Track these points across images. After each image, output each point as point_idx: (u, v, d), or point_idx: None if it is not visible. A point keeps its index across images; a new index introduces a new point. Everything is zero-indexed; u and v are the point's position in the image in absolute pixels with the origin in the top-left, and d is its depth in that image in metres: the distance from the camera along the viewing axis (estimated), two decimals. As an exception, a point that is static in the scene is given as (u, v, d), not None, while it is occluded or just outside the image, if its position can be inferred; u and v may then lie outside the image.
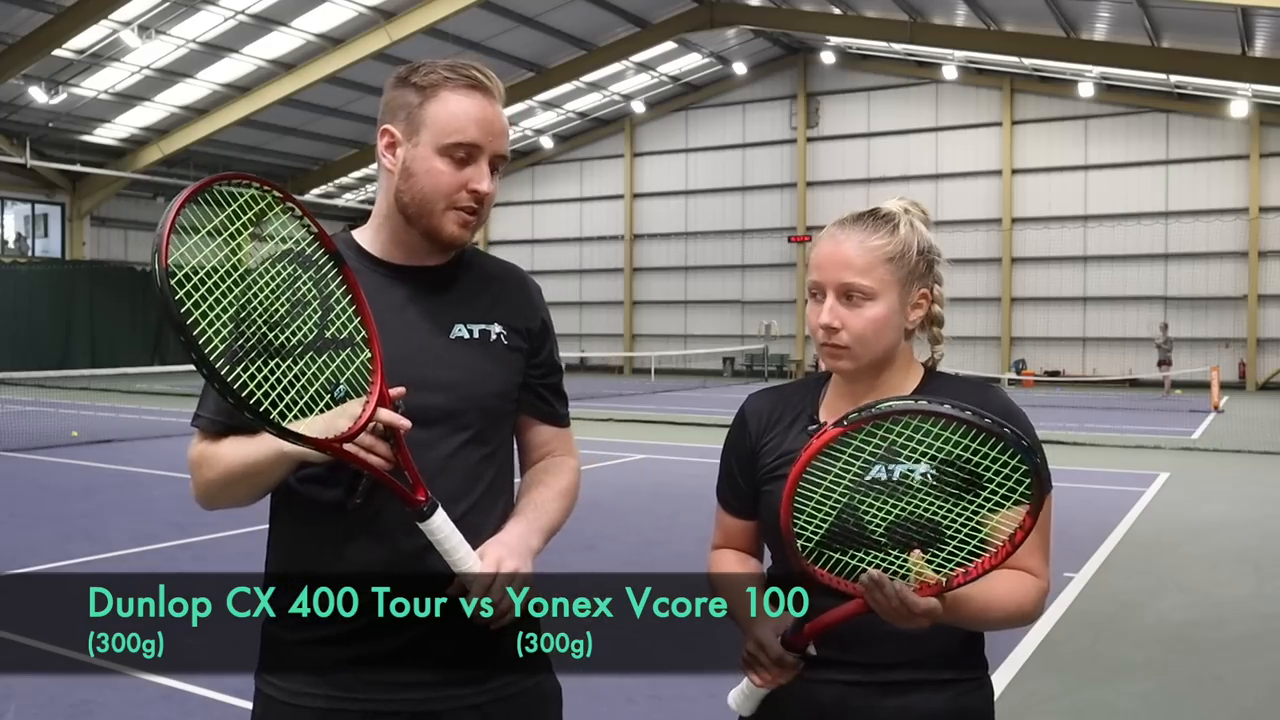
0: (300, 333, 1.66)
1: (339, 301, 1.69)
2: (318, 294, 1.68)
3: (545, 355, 1.95)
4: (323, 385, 1.65)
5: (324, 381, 1.66)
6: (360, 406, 1.63)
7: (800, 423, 1.89)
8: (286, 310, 1.66)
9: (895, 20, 27.53)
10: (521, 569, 1.70)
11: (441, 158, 1.75)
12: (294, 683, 1.77)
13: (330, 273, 1.69)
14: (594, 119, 37.48)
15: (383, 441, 1.62)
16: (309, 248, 1.69)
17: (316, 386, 1.65)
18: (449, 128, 1.74)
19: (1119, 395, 26.91)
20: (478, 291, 1.88)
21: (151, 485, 10.93)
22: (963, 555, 1.60)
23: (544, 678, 1.88)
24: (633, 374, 36.55)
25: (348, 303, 1.69)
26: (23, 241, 33.43)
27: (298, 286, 1.68)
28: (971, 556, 1.59)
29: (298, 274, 1.68)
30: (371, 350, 1.67)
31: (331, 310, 1.68)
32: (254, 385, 1.58)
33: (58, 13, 22.45)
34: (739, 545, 1.96)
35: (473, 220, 1.79)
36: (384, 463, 1.62)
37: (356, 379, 1.67)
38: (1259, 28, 22.11)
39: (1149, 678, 5.27)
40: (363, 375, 1.67)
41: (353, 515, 1.72)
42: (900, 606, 1.56)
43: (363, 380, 1.66)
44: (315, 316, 1.68)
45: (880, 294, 1.77)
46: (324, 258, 1.69)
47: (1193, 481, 11.91)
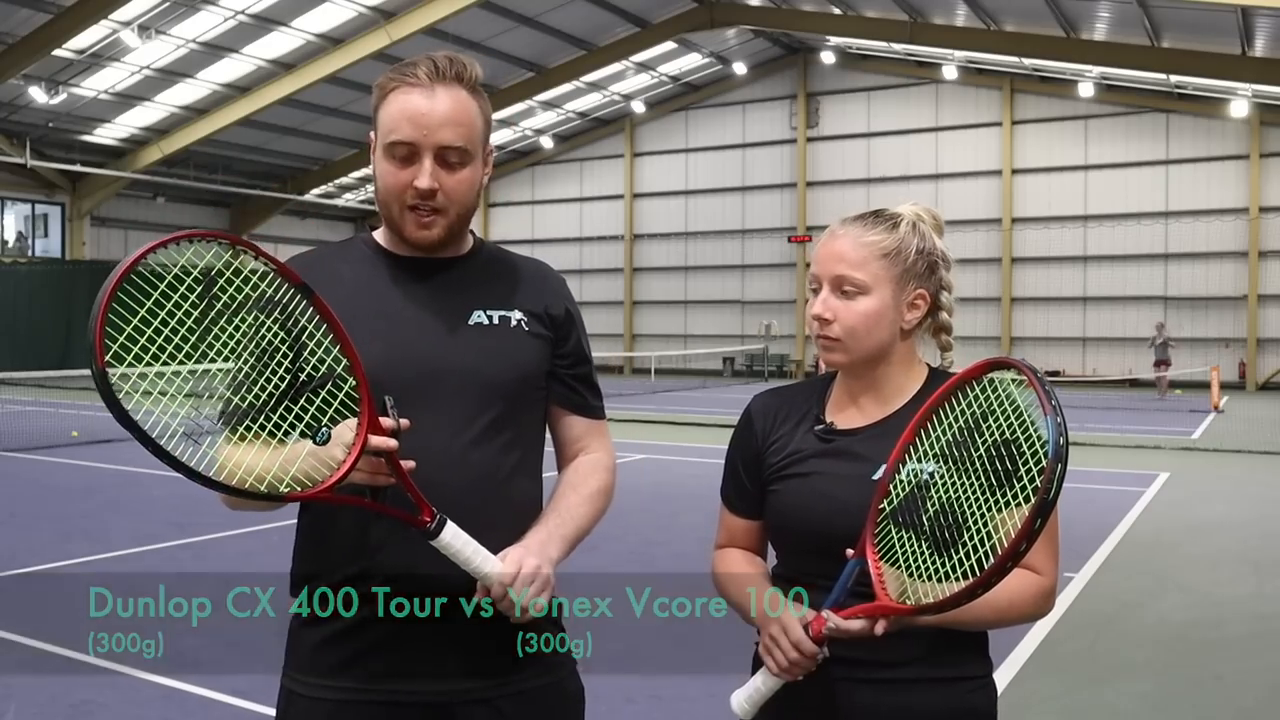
0: (270, 385, 1.61)
1: (312, 336, 1.62)
2: (286, 336, 1.62)
3: (572, 344, 1.94)
4: (301, 433, 1.60)
5: (304, 428, 1.60)
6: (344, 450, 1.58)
7: (806, 423, 1.89)
8: (251, 366, 1.62)
9: (895, 20, 27.53)
10: (543, 569, 1.70)
11: (387, 160, 1.77)
12: (313, 677, 1.79)
13: (298, 308, 1.62)
14: (594, 119, 37.49)
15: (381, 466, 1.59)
16: (270, 288, 1.61)
17: (295, 436, 1.60)
18: (386, 128, 1.76)
19: (1119, 395, 26.90)
20: (497, 280, 1.89)
21: (151, 485, 10.92)
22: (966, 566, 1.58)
23: (566, 676, 1.88)
24: (633, 374, 36.56)
25: (323, 335, 1.62)
26: (23, 241, 33.44)
27: (261, 335, 1.62)
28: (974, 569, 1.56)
29: (260, 321, 1.62)
30: (356, 377, 1.60)
31: (305, 348, 1.62)
32: (223, 459, 1.57)
33: (58, 13, 22.46)
34: (743, 545, 1.96)
35: (430, 219, 1.77)
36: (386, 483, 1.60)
37: (343, 414, 1.61)
38: (1259, 28, 22.11)
39: (1149, 678, 5.27)
40: (348, 408, 1.62)
41: (367, 516, 1.72)
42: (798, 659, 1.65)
43: (349, 414, 1.61)
44: (286, 361, 1.62)
45: (873, 288, 1.79)
46: (290, 294, 1.62)
47: (1193, 481, 11.91)
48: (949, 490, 1.63)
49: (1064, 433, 1.47)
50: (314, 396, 1.62)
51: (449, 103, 1.75)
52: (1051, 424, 1.48)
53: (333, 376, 1.62)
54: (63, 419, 17.22)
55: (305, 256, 1.89)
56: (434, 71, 1.75)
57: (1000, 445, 1.60)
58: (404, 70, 1.77)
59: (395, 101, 1.76)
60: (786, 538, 1.88)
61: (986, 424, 1.63)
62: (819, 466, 1.82)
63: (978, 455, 1.62)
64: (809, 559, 1.81)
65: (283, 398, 1.61)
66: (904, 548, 1.64)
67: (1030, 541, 1.46)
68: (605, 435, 2.01)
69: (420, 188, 1.74)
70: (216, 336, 1.60)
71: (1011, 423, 1.61)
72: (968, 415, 1.66)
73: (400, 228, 1.79)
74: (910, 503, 1.66)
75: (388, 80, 1.78)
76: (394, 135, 1.74)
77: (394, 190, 1.76)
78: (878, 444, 1.79)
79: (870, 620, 1.61)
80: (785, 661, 1.65)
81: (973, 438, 1.64)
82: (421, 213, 1.76)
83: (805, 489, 1.80)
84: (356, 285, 1.81)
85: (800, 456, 1.84)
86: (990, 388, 1.65)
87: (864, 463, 1.78)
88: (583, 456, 1.96)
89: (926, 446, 1.68)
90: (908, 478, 1.68)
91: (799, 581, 1.81)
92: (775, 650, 1.66)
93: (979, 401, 1.66)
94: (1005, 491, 1.58)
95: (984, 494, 1.60)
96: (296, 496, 1.56)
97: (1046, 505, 1.45)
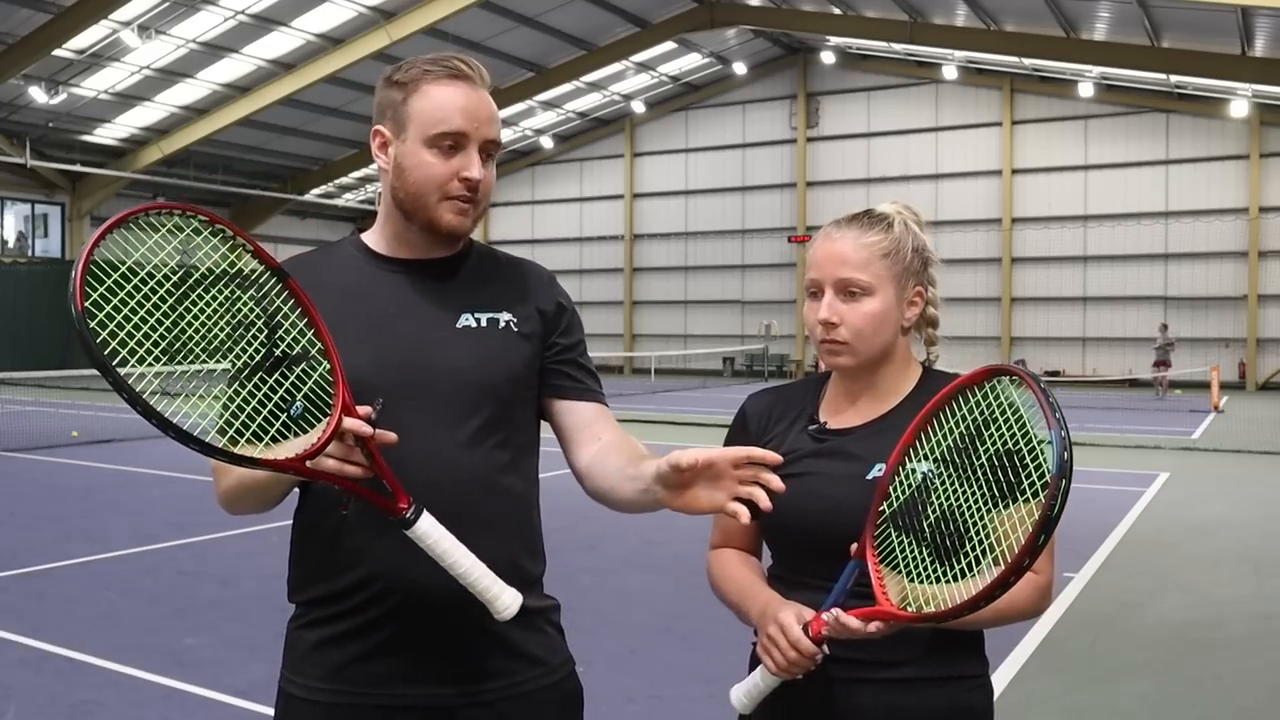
0: (245, 354, 1.63)
1: (287, 317, 1.65)
2: (261, 313, 1.64)
3: (564, 331, 1.92)
4: (276, 405, 1.62)
5: (277, 401, 1.63)
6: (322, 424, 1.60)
7: (801, 422, 1.89)
8: (227, 334, 1.64)
9: (895, 20, 27.54)
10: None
11: (429, 149, 1.75)
12: (310, 679, 1.78)
13: (274, 289, 1.65)
14: (594, 119, 37.51)
15: (355, 452, 1.59)
16: (246, 267, 1.65)
17: (269, 407, 1.62)
18: (433, 119, 1.75)
19: (1119, 395, 26.91)
20: (486, 282, 1.88)
21: (151, 485, 10.93)
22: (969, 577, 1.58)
23: (565, 678, 1.88)
24: (633, 374, 36.57)
25: (297, 317, 1.65)
26: (23, 241, 33.44)
27: (237, 309, 1.65)
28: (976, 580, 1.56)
29: (236, 295, 1.65)
30: (330, 361, 1.63)
31: (280, 327, 1.65)
32: (197, 415, 1.57)
33: (58, 13, 22.46)
34: (738, 545, 1.96)
35: (469, 208, 1.78)
36: (359, 472, 1.59)
37: (316, 393, 1.64)
38: (1259, 28, 22.12)
39: (1149, 678, 5.27)
40: (323, 388, 1.63)
41: (354, 519, 1.71)
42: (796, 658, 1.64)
43: (323, 394, 1.63)
44: (260, 336, 1.64)
45: (877, 289, 1.80)
46: (266, 276, 1.65)
47: (1193, 481, 11.91)
48: (950, 497, 1.63)
49: (1068, 447, 1.46)
50: (288, 373, 1.63)
51: (489, 100, 1.79)
52: (1056, 438, 1.47)
53: (306, 357, 1.64)
54: (63, 419, 17.22)
55: (294, 260, 1.88)
56: (468, 67, 1.78)
57: (1003, 455, 1.60)
58: (437, 62, 1.78)
59: (435, 92, 1.76)
60: (782, 538, 1.88)
61: (989, 432, 1.63)
62: (813, 466, 1.82)
63: (980, 464, 1.62)
64: (804, 558, 1.81)
65: (256, 368, 1.63)
66: (904, 552, 1.65)
67: (1034, 557, 1.46)
68: (615, 421, 1.95)
69: (472, 178, 1.75)
70: (194, 302, 1.62)
71: (1015, 433, 1.60)
72: (969, 421, 1.65)
73: (435, 217, 1.78)
74: (910, 506, 1.66)
75: (418, 73, 1.77)
76: (444, 126, 1.74)
77: (436, 180, 1.76)
78: (872, 443, 1.79)
79: (872, 621, 1.62)
80: (784, 661, 1.65)
81: (974, 445, 1.64)
82: (463, 202, 1.77)
83: (800, 489, 1.80)
84: (345, 288, 1.81)
85: (795, 456, 1.83)
86: (993, 394, 1.64)
87: (859, 462, 1.78)
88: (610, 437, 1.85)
89: (927, 450, 1.68)
90: (907, 480, 1.67)
91: (794, 581, 1.81)
92: (773, 650, 1.66)
93: (980, 408, 1.65)
94: (1008, 503, 1.58)
95: (986, 504, 1.60)
96: (268, 462, 1.55)
97: (1051, 521, 1.44)
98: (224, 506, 1.83)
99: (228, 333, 1.63)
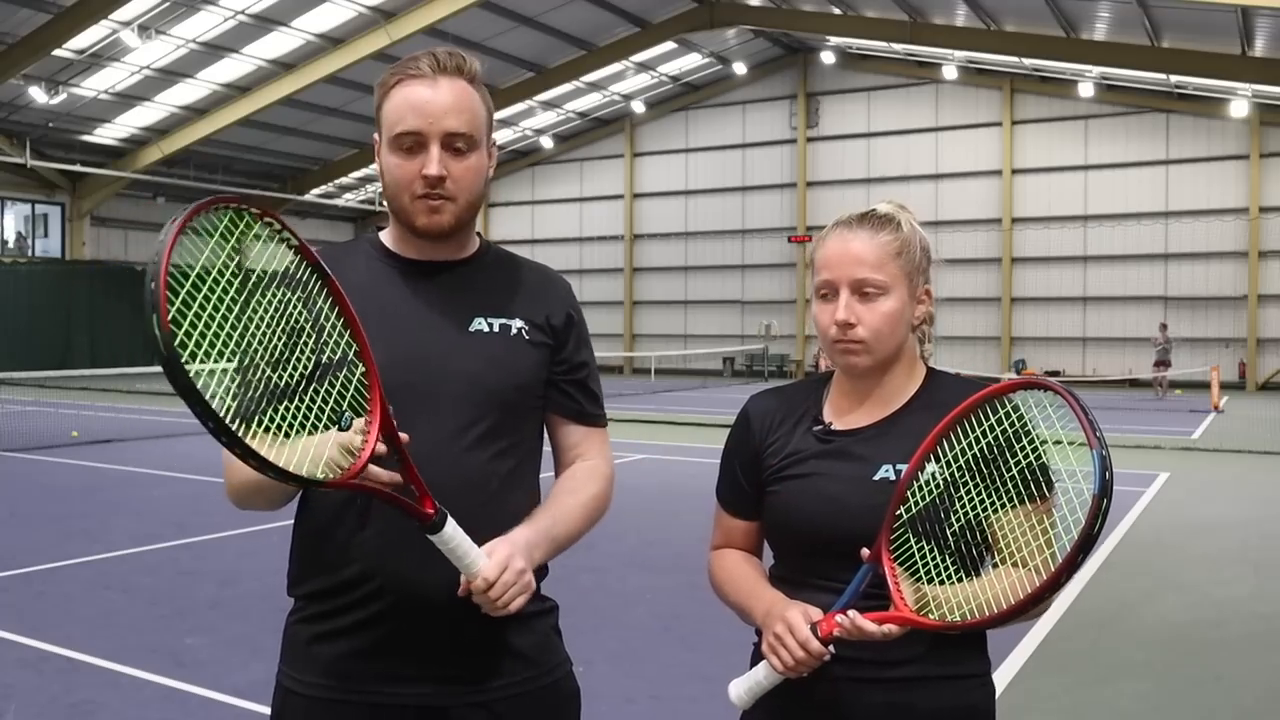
0: (301, 364, 1.60)
1: (328, 318, 1.61)
2: (309, 315, 1.61)
3: (570, 351, 1.92)
4: (329, 418, 1.60)
5: (330, 413, 1.60)
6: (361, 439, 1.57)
7: (804, 423, 1.88)
8: (285, 343, 1.60)
9: (895, 20, 27.53)
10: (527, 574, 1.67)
11: (394, 153, 1.77)
12: (308, 675, 1.79)
13: (316, 287, 1.61)
14: (594, 119, 37.50)
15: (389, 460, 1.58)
16: (293, 265, 1.60)
17: (324, 421, 1.59)
18: (391, 121, 1.77)
19: (1119, 395, 26.90)
20: (500, 287, 1.89)
21: (151, 485, 10.93)
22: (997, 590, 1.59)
23: (562, 678, 1.88)
24: (633, 374, 36.56)
25: (336, 317, 1.62)
26: (23, 241, 33.43)
27: (290, 312, 1.60)
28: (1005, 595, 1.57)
29: (288, 298, 1.59)
30: (365, 363, 1.60)
31: (323, 331, 1.61)
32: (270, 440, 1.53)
33: (58, 13, 22.45)
34: (740, 545, 1.96)
35: (439, 205, 1.77)
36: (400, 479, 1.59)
37: (356, 400, 1.61)
38: (1259, 28, 22.12)
39: (1149, 678, 5.27)
40: (360, 394, 1.60)
41: (363, 514, 1.72)
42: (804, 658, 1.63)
43: (361, 400, 1.60)
44: (311, 341, 1.62)
45: (892, 288, 1.79)
46: (308, 272, 1.61)
47: (1193, 481, 11.92)
48: (977, 508, 1.63)
49: (1109, 467, 1.47)
50: (334, 381, 1.61)
51: (452, 92, 1.77)
52: (1097, 458, 1.46)
53: (346, 363, 1.61)
54: (63, 419, 17.22)
55: (320, 252, 1.88)
56: (435, 64, 1.77)
57: (1035, 469, 1.61)
58: (405, 65, 1.79)
59: (399, 95, 1.78)
60: (786, 538, 1.87)
61: (1020, 444, 1.63)
62: (818, 467, 1.81)
63: (1010, 476, 1.63)
64: (808, 559, 1.80)
65: (310, 379, 1.60)
66: (924, 558, 1.64)
67: (1071, 574, 1.47)
68: (604, 443, 1.99)
69: (429, 174, 1.75)
70: (255, 309, 1.56)
71: (1049, 448, 1.61)
72: (998, 432, 1.65)
73: (410, 219, 1.79)
74: (931, 512, 1.65)
75: (390, 76, 1.80)
76: (400, 126, 1.76)
77: (402, 181, 1.77)
78: (877, 444, 1.79)
79: (887, 625, 1.62)
80: (790, 660, 1.65)
81: (1004, 456, 1.64)
82: (431, 200, 1.77)
83: (805, 490, 1.80)
84: (360, 286, 1.80)
85: (799, 457, 1.83)
86: (1025, 407, 1.64)
87: (864, 463, 1.78)
88: (581, 463, 1.94)
89: (950, 458, 1.67)
90: (928, 486, 1.67)
91: (797, 581, 1.80)
92: (780, 649, 1.66)
93: (1010, 419, 1.65)
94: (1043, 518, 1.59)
95: (1016, 517, 1.61)
96: (333, 484, 1.53)
97: (1090, 540, 1.45)
98: (234, 502, 1.82)
99: (284, 341, 1.60)
